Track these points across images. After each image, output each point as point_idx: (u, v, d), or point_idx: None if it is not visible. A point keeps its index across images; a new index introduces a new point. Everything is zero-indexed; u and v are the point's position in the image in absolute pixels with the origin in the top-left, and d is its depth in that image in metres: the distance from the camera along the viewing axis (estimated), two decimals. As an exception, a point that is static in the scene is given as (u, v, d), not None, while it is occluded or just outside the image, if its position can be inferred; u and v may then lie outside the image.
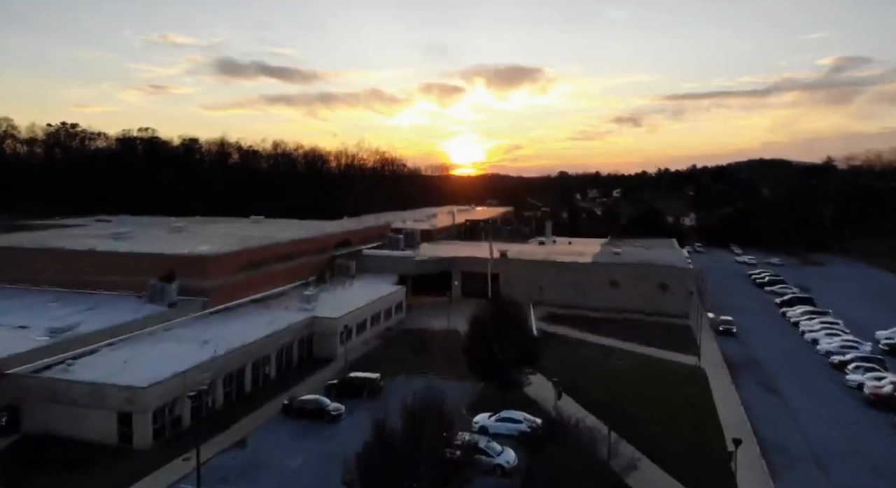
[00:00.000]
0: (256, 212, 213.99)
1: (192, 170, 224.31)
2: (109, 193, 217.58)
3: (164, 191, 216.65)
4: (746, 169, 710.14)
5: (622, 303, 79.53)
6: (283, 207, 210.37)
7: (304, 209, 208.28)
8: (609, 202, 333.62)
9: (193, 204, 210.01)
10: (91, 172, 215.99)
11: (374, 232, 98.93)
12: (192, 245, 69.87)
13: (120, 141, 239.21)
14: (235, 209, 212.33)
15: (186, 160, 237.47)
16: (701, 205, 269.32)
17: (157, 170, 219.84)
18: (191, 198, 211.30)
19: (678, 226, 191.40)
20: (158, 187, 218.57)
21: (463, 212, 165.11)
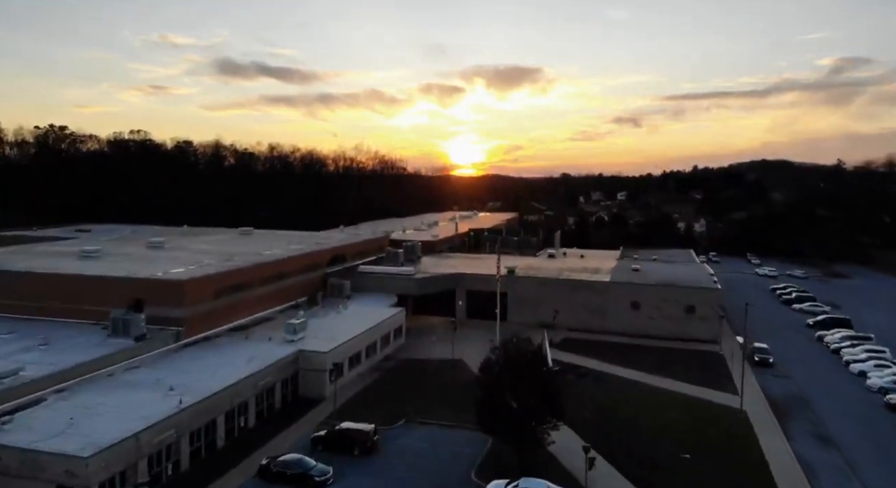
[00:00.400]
0: (254, 214, 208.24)
1: (186, 172, 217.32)
2: (101, 197, 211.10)
3: (159, 195, 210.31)
4: (749, 170, 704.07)
5: (644, 327, 72.34)
6: (281, 211, 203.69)
7: (303, 213, 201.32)
8: (614, 205, 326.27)
9: (188, 207, 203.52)
10: (82, 176, 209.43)
11: (372, 245, 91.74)
12: (167, 265, 62.63)
13: (112, 143, 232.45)
14: (232, 212, 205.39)
15: (181, 162, 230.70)
16: (709, 209, 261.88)
17: (151, 173, 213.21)
18: (186, 201, 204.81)
19: (689, 233, 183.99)
20: (152, 190, 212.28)
21: (465, 219, 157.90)
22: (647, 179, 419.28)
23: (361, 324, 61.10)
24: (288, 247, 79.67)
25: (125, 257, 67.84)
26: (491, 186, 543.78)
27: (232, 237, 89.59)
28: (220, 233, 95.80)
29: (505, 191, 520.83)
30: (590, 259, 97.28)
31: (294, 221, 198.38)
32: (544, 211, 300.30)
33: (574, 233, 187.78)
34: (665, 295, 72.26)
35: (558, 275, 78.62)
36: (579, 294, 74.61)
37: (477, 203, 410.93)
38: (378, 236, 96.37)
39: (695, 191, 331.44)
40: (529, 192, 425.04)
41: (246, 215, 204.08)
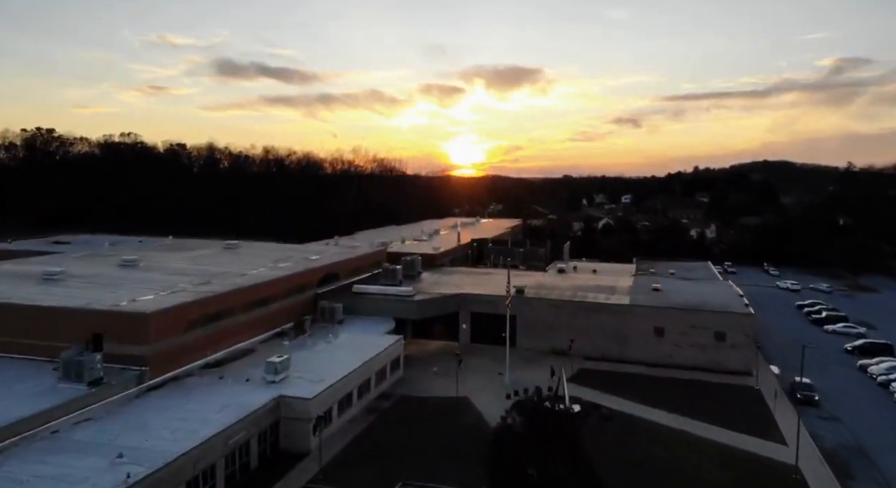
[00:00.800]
0: (253, 216, 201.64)
1: (181, 175, 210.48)
2: (91, 202, 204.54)
3: (154, 198, 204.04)
4: (751, 171, 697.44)
5: (669, 356, 65.23)
6: (279, 213, 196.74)
7: (301, 215, 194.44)
8: (619, 209, 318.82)
9: (185, 209, 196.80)
10: (72, 180, 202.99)
11: (368, 260, 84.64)
12: (136, 291, 55.53)
13: (102, 146, 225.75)
14: (229, 215, 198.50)
15: (175, 165, 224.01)
16: (718, 213, 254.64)
17: (143, 176, 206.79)
18: (181, 204, 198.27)
19: (702, 241, 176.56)
20: (148, 193, 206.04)
21: (467, 226, 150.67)
22: (651, 181, 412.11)
23: (353, 358, 53.98)
24: (275, 264, 72.61)
25: (91, 281, 60.68)
26: (491, 186, 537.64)
27: (215, 252, 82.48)
28: (203, 246, 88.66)
29: (505, 191, 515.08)
30: (603, 274, 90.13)
31: (292, 225, 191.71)
32: (547, 215, 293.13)
33: (581, 239, 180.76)
34: (692, 320, 65.12)
35: (572, 297, 71.47)
36: (597, 318, 67.48)
37: (478, 205, 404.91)
38: (375, 250, 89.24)
39: (700, 194, 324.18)
40: (531, 194, 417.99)
41: (243, 219, 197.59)
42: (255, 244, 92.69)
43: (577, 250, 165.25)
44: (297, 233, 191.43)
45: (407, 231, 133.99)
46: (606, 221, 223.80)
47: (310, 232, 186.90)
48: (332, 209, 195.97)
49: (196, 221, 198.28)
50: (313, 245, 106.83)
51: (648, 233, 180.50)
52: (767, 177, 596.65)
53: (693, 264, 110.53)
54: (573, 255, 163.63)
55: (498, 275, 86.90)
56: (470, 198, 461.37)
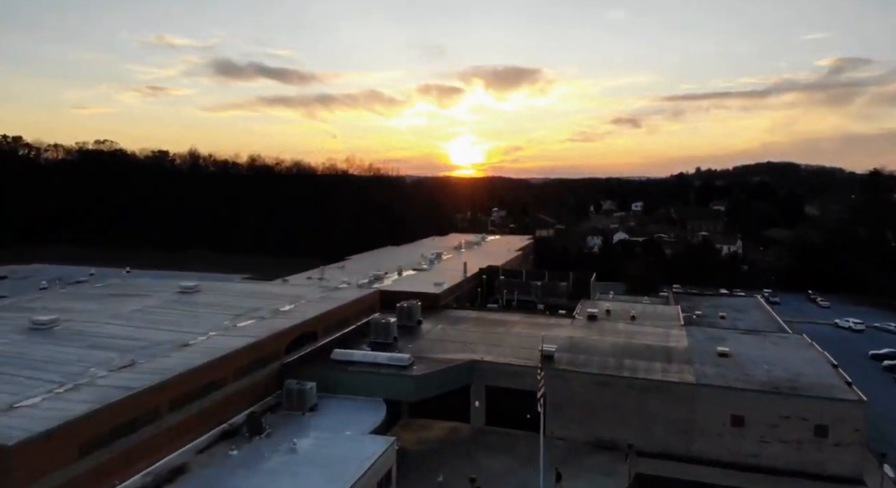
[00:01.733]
0: (238, 231, 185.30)
1: (162, 184, 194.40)
2: (64, 215, 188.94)
3: (132, 209, 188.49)
4: (754, 172, 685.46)
5: (753, 454, 49.11)
6: (268, 225, 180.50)
7: (293, 227, 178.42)
8: (629, 217, 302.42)
9: (165, 221, 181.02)
10: (43, 189, 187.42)
11: (356, 308, 68.45)
12: (18, 388, 39.34)
13: (77, 153, 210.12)
14: (215, 227, 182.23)
15: (158, 173, 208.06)
16: (739, 224, 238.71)
17: (120, 185, 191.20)
18: (162, 215, 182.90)
19: (733, 261, 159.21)
20: (124, 204, 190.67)
21: (472, 247, 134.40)
22: (659, 185, 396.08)
23: (321, 484, 37.80)
24: (233, 322, 56.43)
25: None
26: (491, 188, 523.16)
27: (165, 301, 66.20)
28: (156, 288, 72.58)
29: (506, 192, 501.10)
30: (644, 321, 73.89)
31: (285, 235, 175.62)
32: (555, 224, 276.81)
33: (598, 258, 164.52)
34: (782, 408, 48.90)
35: (618, 369, 55.08)
36: (653, 401, 51.29)
37: (479, 210, 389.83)
38: (365, 294, 72.92)
39: (716, 202, 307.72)
40: (535, 200, 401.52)
41: (232, 230, 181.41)
42: (219, 286, 76.37)
43: (598, 273, 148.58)
44: (289, 245, 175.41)
45: (405, 254, 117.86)
46: (623, 237, 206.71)
47: (302, 245, 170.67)
48: (328, 217, 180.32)
49: (181, 233, 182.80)
50: (295, 278, 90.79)
51: (675, 253, 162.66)
52: (776, 181, 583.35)
53: (741, 301, 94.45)
54: (597, 276, 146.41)
55: (517, 324, 70.72)
56: (471, 201, 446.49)
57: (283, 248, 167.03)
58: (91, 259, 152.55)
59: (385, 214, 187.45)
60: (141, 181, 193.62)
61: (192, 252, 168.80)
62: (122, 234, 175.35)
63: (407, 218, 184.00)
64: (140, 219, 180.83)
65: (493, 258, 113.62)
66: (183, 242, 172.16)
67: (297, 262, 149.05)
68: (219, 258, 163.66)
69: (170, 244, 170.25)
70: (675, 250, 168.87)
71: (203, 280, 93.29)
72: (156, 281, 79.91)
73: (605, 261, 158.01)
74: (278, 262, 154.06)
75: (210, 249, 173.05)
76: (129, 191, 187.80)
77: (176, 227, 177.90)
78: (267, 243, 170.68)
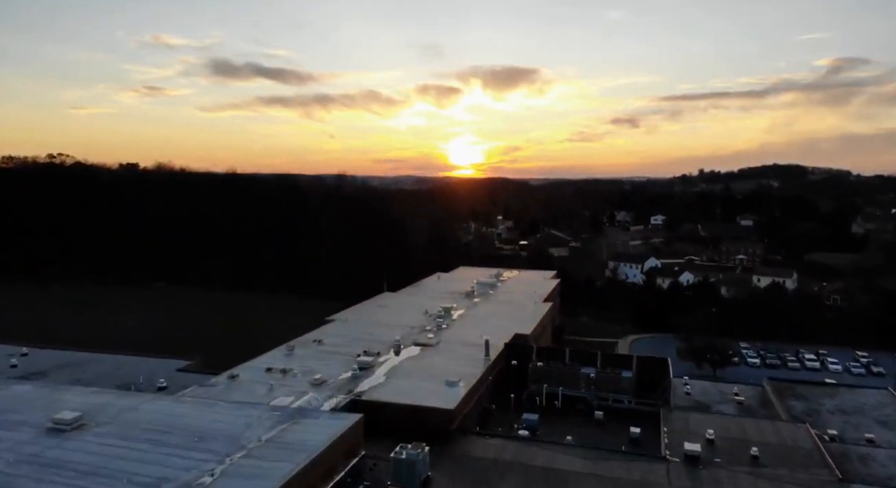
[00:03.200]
0: (205, 257, 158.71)
1: (126, 204, 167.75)
2: (14, 239, 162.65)
3: (89, 233, 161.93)
4: (761, 175, 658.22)
5: None
6: (238, 250, 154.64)
7: (270, 249, 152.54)
8: (650, 231, 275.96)
9: (125, 249, 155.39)
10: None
11: (324, 465, 42.05)
12: None
13: (31, 167, 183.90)
14: (183, 254, 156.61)
15: (122, 188, 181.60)
16: (778, 243, 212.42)
17: (75, 207, 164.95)
18: (132, 232, 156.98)
19: (800, 303, 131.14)
20: (87, 224, 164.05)
21: (487, 291, 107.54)
22: (678, 195, 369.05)
23: None
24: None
25: None
26: (493, 190, 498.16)
27: (11, 461, 39.76)
28: (14, 420, 46.42)
29: (508, 197, 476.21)
30: (776, 465, 47.89)
31: (266, 266, 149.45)
32: (569, 243, 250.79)
33: (638, 299, 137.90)
34: None
35: None
36: None
37: (484, 219, 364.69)
38: (343, 431, 46.18)
39: (743, 216, 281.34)
40: (541, 207, 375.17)
41: (199, 256, 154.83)
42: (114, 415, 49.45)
43: (640, 317, 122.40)
44: (272, 278, 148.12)
45: (405, 309, 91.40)
46: (655, 264, 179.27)
47: (286, 278, 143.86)
48: (316, 242, 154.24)
49: (144, 264, 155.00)
50: (254, 366, 64.51)
51: (736, 297, 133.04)
52: (786, 184, 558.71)
53: (869, 397, 68.20)
54: (636, 322, 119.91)
55: (583, 481, 44.42)
56: (473, 208, 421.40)
57: (263, 282, 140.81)
58: (20, 301, 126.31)
59: (382, 235, 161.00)
60: (102, 200, 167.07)
61: (158, 286, 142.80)
62: (73, 265, 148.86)
63: (409, 244, 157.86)
64: (99, 245, 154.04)
65: (517, 317, 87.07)
66: (146, 276, 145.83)
67: (278, 304, 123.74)
68: (185, 294, 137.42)
69: (131, 277, 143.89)
70: (734, 293, 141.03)
71: (119, 379, 67.54)
72: (35, 391, 53.35)
73: (646, 303, 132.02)
74: (253, 302, 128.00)
75: (176, 282, 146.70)
76: (86, 213, 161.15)
77: (139, 257, 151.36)
78: (246, 275, 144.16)
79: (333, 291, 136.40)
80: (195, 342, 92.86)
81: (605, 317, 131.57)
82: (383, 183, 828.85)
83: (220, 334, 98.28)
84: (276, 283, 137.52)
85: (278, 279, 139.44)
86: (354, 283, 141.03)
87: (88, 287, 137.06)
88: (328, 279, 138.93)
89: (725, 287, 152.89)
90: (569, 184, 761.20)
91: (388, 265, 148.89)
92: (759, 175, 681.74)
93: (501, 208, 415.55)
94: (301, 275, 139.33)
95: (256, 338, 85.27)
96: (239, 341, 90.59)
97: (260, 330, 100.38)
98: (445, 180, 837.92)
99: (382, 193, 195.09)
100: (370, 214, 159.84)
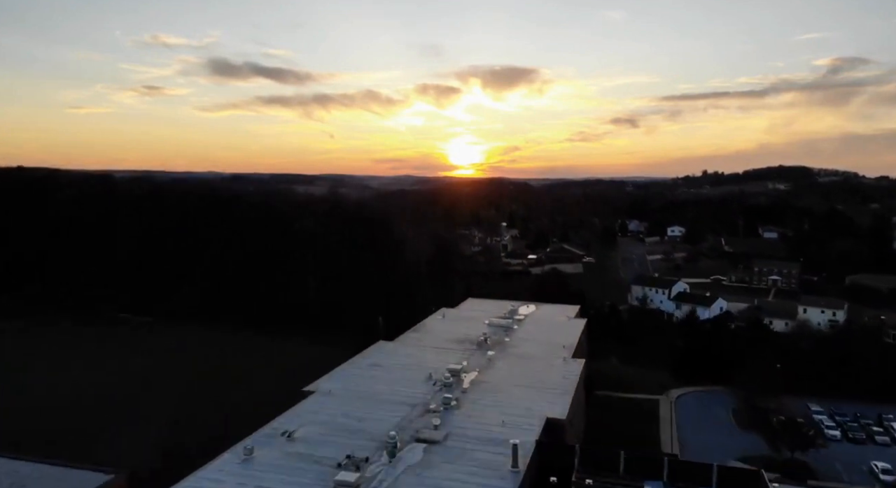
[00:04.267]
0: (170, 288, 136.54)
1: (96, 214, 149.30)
2: None
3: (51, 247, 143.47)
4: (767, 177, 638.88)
5: None
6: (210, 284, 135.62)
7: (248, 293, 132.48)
8: (668, 245, 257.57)
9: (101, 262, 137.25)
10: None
11: None
12: None
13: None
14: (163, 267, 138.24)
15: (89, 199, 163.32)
16: (812, 261, 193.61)
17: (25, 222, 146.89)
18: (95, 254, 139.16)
19: (865, 349, 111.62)
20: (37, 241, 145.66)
21: (504, 347, 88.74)
22: (693, 203, 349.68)
23: None
24: None
25: None
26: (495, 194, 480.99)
27: None
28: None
29: (511, 200, 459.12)
30: None
31: (238, 298, 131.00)
32: (583, 257, 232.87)
33: (674, 337, 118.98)
34: None
35: None
36: None
37: (488, 227, 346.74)
38: None
39: (767, 227, 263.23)
40: (552, 219, 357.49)
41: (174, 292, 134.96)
42: None
43: (679, 362, 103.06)
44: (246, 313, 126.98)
45: (401, 369, 72.82)
46: (683, 288, 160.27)
47: (261, 311, 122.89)
48: (299, 269, 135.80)
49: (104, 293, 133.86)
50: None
51: (799, 350, 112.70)
52: (798, 189, 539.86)
53: None
54: (674, 366, 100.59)
55: None
56: (475, 211, 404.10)
57: (240, 317, 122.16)
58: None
59: (380, 257, 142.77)
60: (59, 212, 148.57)
61: (123, 319, 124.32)
62: (15, 291, 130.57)
63: (410, 266, 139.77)
64: (53, 268, 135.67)
65: (544, 385, 68.34)
66: (110, 307, 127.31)
67: (255, 346, 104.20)
68: (149, 334, 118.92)
69: (95, 308, 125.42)
70: (790, 330, 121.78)
71: None
72: None
73: (677, 332, 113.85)
74: (228, 345, 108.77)
75: (147, 312, 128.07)
76: (39, 229, 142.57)
77: (102, 283, 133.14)
78: (214, 308, 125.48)
79: (322, 328, 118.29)
80: (135, 422, 74.19)
81: (636, 360, 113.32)
82: (383, 183, 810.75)
83: (175, 405, 79.67)
84: (255, 318, 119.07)
85: (259, 312, 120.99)
86: (347, 317, 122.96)
87: (35, 322, 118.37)
88: (316, 314, 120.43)
89: (769, 317, 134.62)
90: (571, 184, 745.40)
91: (386, 293, 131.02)
92: (764, 177, 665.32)
93: (505, 214, 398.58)
94: (285, 307, 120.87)
95: (222, 409, 67.31)
96: (197, 424, 72.35)
97: (226, 396, 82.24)
98: (445, 180, 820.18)
99: (380, 210, 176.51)
100: (366, 233, 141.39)
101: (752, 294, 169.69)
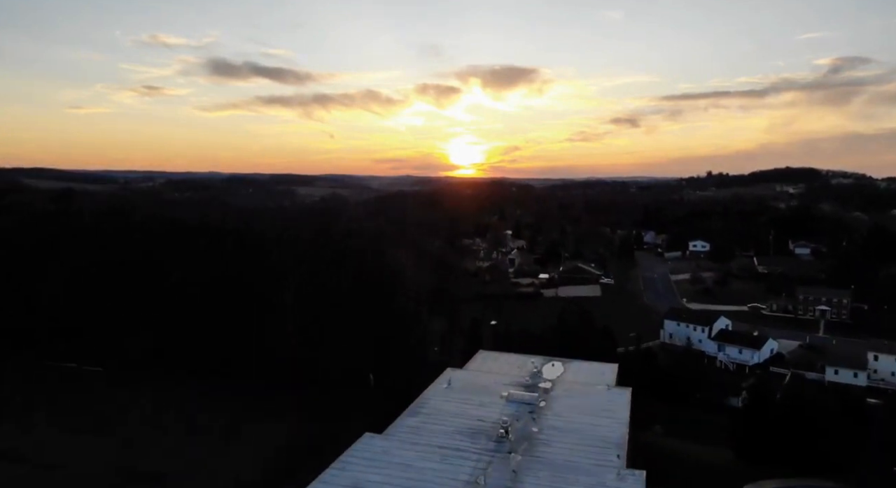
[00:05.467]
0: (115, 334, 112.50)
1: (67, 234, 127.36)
2: None
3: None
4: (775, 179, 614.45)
5: None
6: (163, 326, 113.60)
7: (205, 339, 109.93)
8: (692, 262, 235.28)
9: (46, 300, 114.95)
10: None
11: None
12: None
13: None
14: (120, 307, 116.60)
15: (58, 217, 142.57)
16: (859, 285, 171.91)
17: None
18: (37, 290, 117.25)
19: None
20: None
21: (530, 436, 67.54)
22: (716, 215, 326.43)
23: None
24: None
25: None
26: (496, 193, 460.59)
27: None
28: None
29: (515, 204, 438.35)
30: None
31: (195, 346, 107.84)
32: (599, 278, 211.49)
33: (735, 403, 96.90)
34: None
35: None
36: None
37: (491, 230, 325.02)
38: None
39: (799, 242, 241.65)
40: (560, 227, 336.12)
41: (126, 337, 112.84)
42: None
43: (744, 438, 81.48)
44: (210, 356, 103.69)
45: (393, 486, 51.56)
46: (725, 325, 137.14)
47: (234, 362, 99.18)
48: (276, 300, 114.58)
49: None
50: None
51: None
52: (812, 192, 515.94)
53: None
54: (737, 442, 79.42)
55: None
56: (478, 216, 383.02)
57: (206, 372, 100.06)
58: None
59: (372, 294, 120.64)
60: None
61: (69, 369, 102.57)
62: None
63: (408, 302, 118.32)
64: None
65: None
66: (59, 355, 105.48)
67: (216, 418, 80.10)
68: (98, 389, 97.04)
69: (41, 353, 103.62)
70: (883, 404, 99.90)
71: None
72: None
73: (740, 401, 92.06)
74: (186, 414, 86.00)
75: (100, 363, 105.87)
76: None
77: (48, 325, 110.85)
78: (170, 354, 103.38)
79: (300, 383, 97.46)
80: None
81: (686, 430, 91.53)
82: (383, 183, 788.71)
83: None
84: (224, 375, 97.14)
85: (229, 366, 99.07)
86: (332, 368, 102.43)
87: None
88: (294, 365, 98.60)
89: (833, 366, 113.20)
90: (572, 185, 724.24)
91: (377, 336, 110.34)
92: (771, 178, 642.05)
93: (510, 221, 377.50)
94: (258, 358, 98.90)
95: None
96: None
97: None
98: (446, 180, 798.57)
99: (372, 233, 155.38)
100: (356, 264, 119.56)
101: (800, 327, 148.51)
